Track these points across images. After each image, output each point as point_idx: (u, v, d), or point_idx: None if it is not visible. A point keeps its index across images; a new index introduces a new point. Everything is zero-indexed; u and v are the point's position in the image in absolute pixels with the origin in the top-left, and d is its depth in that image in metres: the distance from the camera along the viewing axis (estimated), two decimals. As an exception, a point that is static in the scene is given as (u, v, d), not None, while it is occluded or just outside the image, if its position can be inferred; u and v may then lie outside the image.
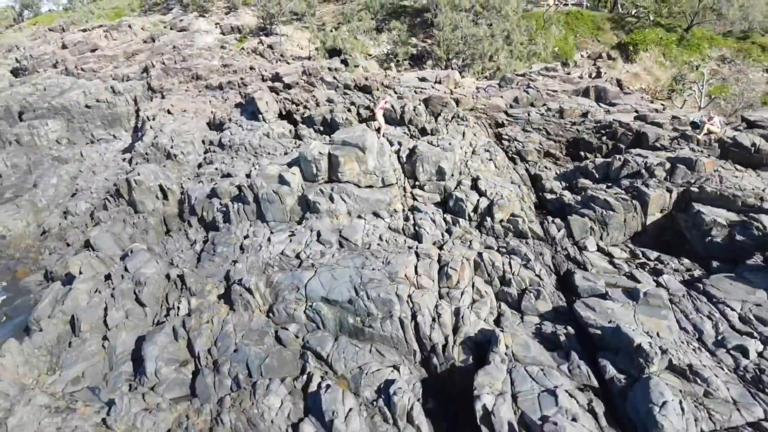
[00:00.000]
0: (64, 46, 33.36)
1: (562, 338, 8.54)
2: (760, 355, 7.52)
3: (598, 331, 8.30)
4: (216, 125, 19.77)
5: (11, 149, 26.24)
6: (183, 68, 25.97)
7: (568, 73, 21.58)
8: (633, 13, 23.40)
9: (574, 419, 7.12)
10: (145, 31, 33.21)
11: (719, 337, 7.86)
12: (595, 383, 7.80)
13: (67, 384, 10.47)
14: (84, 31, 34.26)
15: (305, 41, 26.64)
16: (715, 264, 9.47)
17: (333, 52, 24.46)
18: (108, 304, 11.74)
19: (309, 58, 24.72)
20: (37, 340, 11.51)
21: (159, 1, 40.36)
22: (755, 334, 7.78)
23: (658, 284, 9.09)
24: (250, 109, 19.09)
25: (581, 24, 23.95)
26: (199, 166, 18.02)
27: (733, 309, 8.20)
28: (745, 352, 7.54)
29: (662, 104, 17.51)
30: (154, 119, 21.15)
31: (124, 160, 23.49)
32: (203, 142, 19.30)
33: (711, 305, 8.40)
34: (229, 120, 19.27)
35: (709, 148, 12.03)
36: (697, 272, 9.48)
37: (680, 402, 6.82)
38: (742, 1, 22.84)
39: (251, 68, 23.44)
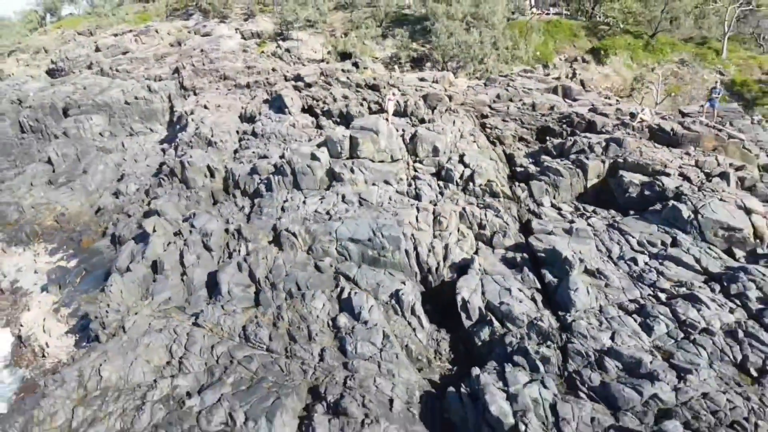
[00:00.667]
0: (97, 49, 37.27)
1: (519, 260, 12.45)
2: (646, 263, 11.42)
3: (543, 254, 12.21)
4: (247, 118, 23.67)
5: (60, 141, 30.18)
6: (211, 69, 29.89)
7: (547, 75, 25.51)
8: (605, 21, 27.30)
9: (520, 302, 11.03)
10: (170, 36, 37.12)
11: (621, 254, 11.78)
12: (538, 285, 11.71)
13: (159, 304, 14.34)
14: (115, 35, 38.16)
15: (318, 45, 30.57)
16: (631, 212, 13.38)
17: (344, 56, 28.38)
18: (182, 250, 15.61)
19: (323, 60, 28.64)
20: (129, 277, 15.39)
21: (178, 7, 44.34)
22: (645, 252, 11.69)
23: (589, 224, 13.00)
24: (276, 104, 22.98)
25: (560, 31, 27.88)
26: (235, 151, 21.88)
27: (633, 237, 12.12)
28: (636, 262, 11.45)
29: (617, 99, 21.43)
30: (193, 113, 25.03)
31: (162, 150, 27.46)
32: (237, 132, 23.18)
33: (620, 235, 12.31)
34: (259, 114, 23.16)
35: (641, 132, 15.94)
36: (618, 217, 13.38)
37: (587, 288, 10.74)
38: (696, 12, 26.78)
39: (273, 69, 27.36)
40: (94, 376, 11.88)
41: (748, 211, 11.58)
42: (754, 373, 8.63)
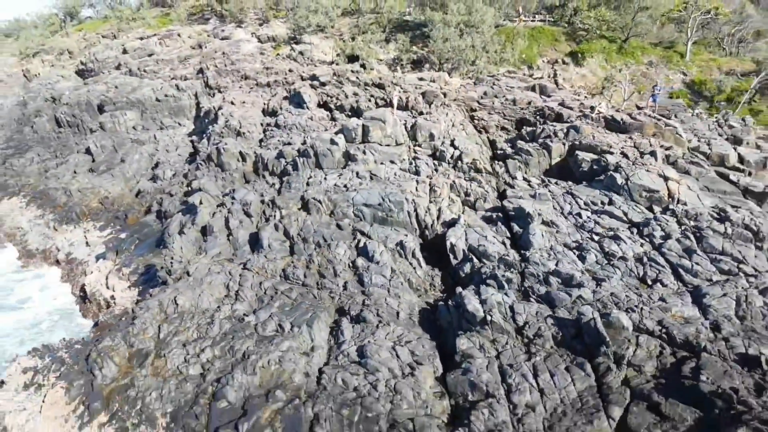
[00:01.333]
0: (125, 51, 41.28)
1: (494, 217, 16.46)
2: (588, 217, 15.41)
3: (512, 212, 16.21)
4: (270, 112, 27.66)
5: (98, 134, 34.20)
6: (233, 70, 33.89)
7: (531, 75, 29.52)
8: (583, 28, 31.31)
9: (494, 244, 15.03)
10: (191, 39, 41.14)
11: (570, 210, 15.79)
12: (508, 234, 15.70)
13: (212, 257, 18.30)
14: (141, 39, 42.16)
15: (328, 48, 34.57)
16: (583, 183, 17.37)
17: (351, 58, 32.38)
18: (227, 217, 19.58)
19: (333, 62, 32.64)
20: (185, 238, 19.35)
21: (194, 11, 48.37)
22: (588, 209, 15.70)
23: (549, 191, 17.02)
24: (296, 100, 26.97)
25: (543, 36, 31.92)
26: (261, 140, 25.85)
27: (581, 199, 16.13)
28: (580, 216, 15.45)
29: (590, 96, 25.44)
30: (221, 108, 29.00)
31: (191, 141, 31.46)
32: (261, 124, 27.16)
33: (572, 198, 16.32)
34: (280, 108, 27.15)
35: (598, 121, 19.96)
36: (572, 186, 17.37)
37: (542, 233, 14.75)
38: (663, 21, 30.85)
39: (290, 70, 31.37)
40: (171, 304, 15.84)
41: (666, 179, 15.59)
42: (650, 282, 12.62)
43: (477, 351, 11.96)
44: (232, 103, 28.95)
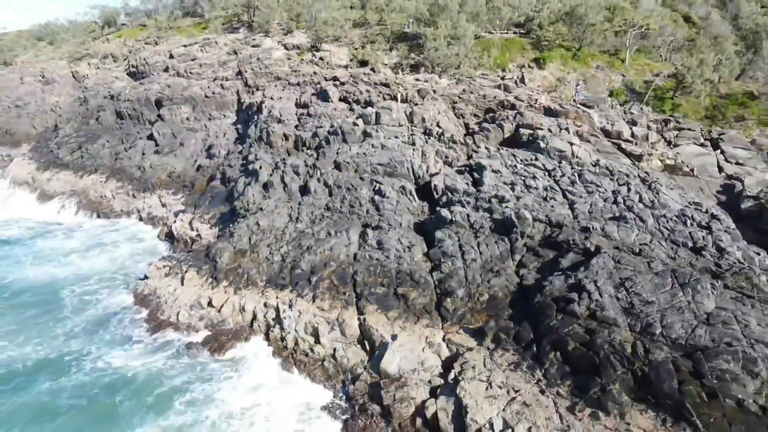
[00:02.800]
0: (171, 57, 50.92)
1: (463, 169, 26.12)
2: (521, 168, 25.03)
3: (475, 166, 25.86)
4: (301, 105, 37.27)
5: (159, 124, 43.80)
6: (266, 72, 43.52)
7: (503, 77, 39.14)
8: (545, 39, 40.98)
9: (460, 183, 24.68)
10: (227, 46, 50.76)
11: (511, 164, 25.45)
12: (470, 179, 25.33)
13: (275, 200, 27.82)
14: (185, 46, 51.80)
15: (343, 55, 44.22)
16: (522, 148, 27.00)
17: (362, 63, 42.01)
18: (282, 175, 29.12)
19: (347, 66, 42.28)
20: (253, 190, 28.86)
21: (224, 21, 57.96)
22: (522, 163, 25.35)
23: (500, 154, 26.67)
24: (322, 96, 36.60)
25: (513, 46, 41.64)
26: (296, 126, 35.37)
27: (518, 157, 25.80)
28: (516, 167, 25.09)
29: (542, 92, 35.08)
30: (263, 102, 38.60)
31: (236, 129, 41.04)
32: (296, 114, 36.73)
33: (513, 158, 25.98)
34: (310, 102, 36.76)
35: (538, 109, 29.61)
36: (518, 152, 26.98)
37: (491, 177, 24.43)
38: (607, 34, 40.63)
39: (314, 73, 41.00)
40: (253, 225, 25.43)
41: (571, 144, 25.25)
42: (548, 199, 22.22)
43: (446, 237, 21.55)
44: (271, 98, 38.59)
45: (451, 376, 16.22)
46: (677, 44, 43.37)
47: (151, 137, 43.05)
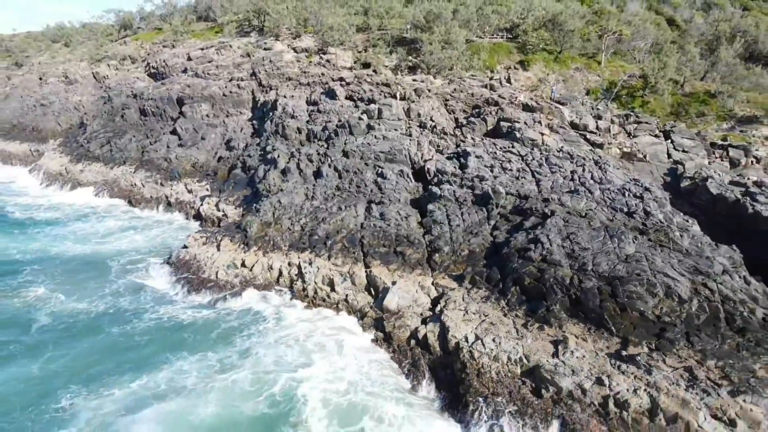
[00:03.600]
0: (189, 58, 56.34)
1: (452, 156, 31.53)
2: (500, 154, 30.44)
3: (461, 153, 31.26)
4: (312, 103, 42.68)
5: (181, 120, 49.20)
6: (279, 73, 48.92)
7: (491, 78, 44.53)
8: (529, 43, 46.40)
9: (449, 167, 30.10)
10: (240, 49, 56.14)
11: (491, 151, 30.88)
12: (458, 163, 30.72)
13: (292, 183, 33.21)
14: (202, 49, 57.22)
15: (347, 57, 49.60)
16: (502, 138, 32.39)
17: (365, 65, 47.38)
18: (298, 163, 34.49)
19: (351, 68, 47.66)
20: (273, 175, 34.28)
21: (235, 25, 63.33)
22: (501, 150, 30.76)
23: (483, 143, 32.08)
24: (330, 95, 42.02)
25: (501, 49, 47.07)
26: (308, 121, 40.75)
27: (498, 145, 31.21)
28: (496, 153, 30.49)
29: (524, 91, 40.48)
30: (277, 100, 44.00)
31: (252, 124, 46.44)
32: (306, 111, 42.09)
33: (494, 146, 31.40)
34: (319, 100, 42.17)
35: (518, 105, 35.01)
36: (498, 141, 32.39)
37: (474, 161, 29.86)
38: (584, 39, 46.05)
39: (322, 74, 46.39)
40: (276, 203, 30.83)
41: (542, 134, 30.67)
42: (519, 178, 27.62)
43: (436, 209, 26.93)
44: (284, 96, 44.02)
45: (438, 308, 21.62)
46: (648, 48, 48.78)
47: (174, 132, 48.49)
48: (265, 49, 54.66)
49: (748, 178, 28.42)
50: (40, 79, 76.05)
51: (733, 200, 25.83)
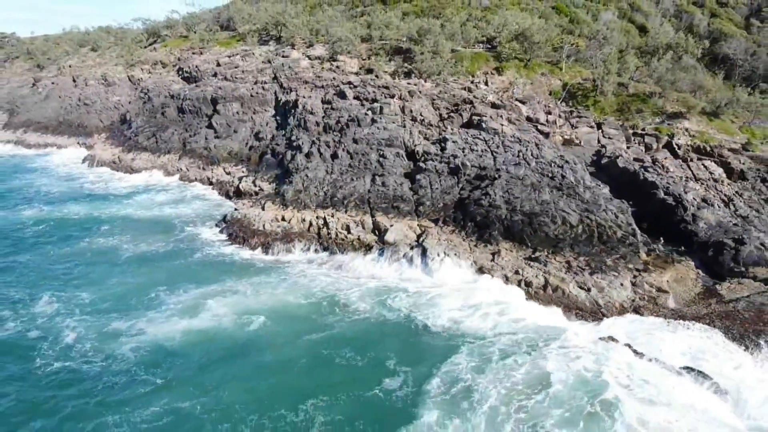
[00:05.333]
0: (218, 64, 68.43)
1: (436, 142, 43.65)
2: (472, 141, 42.49)
3: (443, 140, 43.36)
4: (326, 102, 54.75)
5: (216, 117, 61.33)
6: (297, 77, 61.01)
7: (472, 81, 56.60)
8: (504, 53, 58.51)
9: (433, 150, 42.24)
10: (262, 56, 68.23)
11: (464, 138, 43.02)
12: (440, 147, 42.80)
13: (315, 163, 45.22)
14: (229, 57, 69.32)
15: (354, 64, 61.67)
16: (473, 128, 44.44)
17: (368, 71, 59.44)
18: (318, 147, 46.50)
19: (357, 73, 59.70)
20: (299, 158, 46.36)
21: (256, 35, 75.43)
22: (471, 137, 42.91)
23: (460, 132, 44.19)
24: (341, 95, 54.12)
25: (480, 58, 59.25)
26: (323, 116, 52.72)
27: (470, 134, 43.35)
28: (467, 139, 42.60)
29: (497, 92, 52.58)
30: (297, 100, 56.06)
31: (276, 120, 58.55)
32: (322, 108, 54.08)
33: (468, 135, 43.48)
34: (332, 100, 54.25)
35: (487, 103, 47.07)
36: (470, 131, 44.42)
37: (452, 145, 41.99)
38: (548, 48, 58.28)
39: (333, 78, 58.43)
40: (303, 177, 42.91)
41: (502, 125, 42.76)
42: (482, 156, 39.67)
43: (422, 178, 39.00)
44: (303, 97, 56.13)
45: (420, 240, 33.63)
46: (608, 55, 60.95)
47: (210, 126, 60.63)
48: (283, 56, 66.80)
49: (651, 158, 40.45)
50: (74, 80, 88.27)
51: (632, 171, 37.87)
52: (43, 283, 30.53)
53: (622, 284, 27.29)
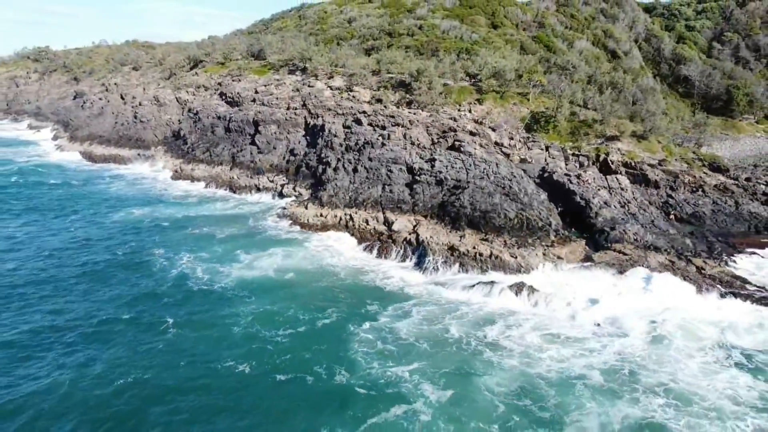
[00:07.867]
0: (256, 92, 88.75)
1: (428, 159, 63.95)
2: (453, 158, 62.69)
3: (433, 158, 63.67)
4: (346, 127, 75.03)
5: (258, 136, 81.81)
6: (322, 105, 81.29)
7: (458, 110, 76.72)
8: (484, 87, 78.66)
9: (426, 167, 62.56)
10: (291, 85, 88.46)
11: (447, 156, 63.29)
12: (432, 164, 63.11)
13: (342, 175, 65.41)
14: (265, 86, 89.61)
15: (366, 94, 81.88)
16: (455, 151, 64.60)
17: (378, 100, 79.61)
18: (344, 163, 66.69)
19: (369, 102, 79.91)
20: (330, 170, 66.71)
21: (284, 65, 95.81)
22: (453, 156, 63.09)
23: (446, 152, 64.48)
24: (357, 122, 74.47)
25: (465, 91, 79.61)
26: (344, 138, 72.78)
27: (453, 154, 63.57)
28: (450, 156, 62.82)
29: (478, 120, 72.70)
30: (324, 123, 76.28)
31: (306, 139, 78.93)
32: (344, 132, 74.16)
33: (450, 155, 63.76)
34: (351, 125, 74.49)
35: (465, 132, 67.26)
36: (452, 153, 64.54)
37: (440, 163, 62.34)
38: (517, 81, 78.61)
39: (351, 106, 78.60)
40: (334, 185, 63.27)
41: (475, 149, 62.99)
42: (454, 166, 59.87)
43: (418, 186, 59.33)
44: (328, 122, 76.46)
45: (416, 228, 53.88)
46: (559, 91, 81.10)
47: (253, 143, 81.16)
48: (309, 86, 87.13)
49: (578, 173, 60.53)
50: (122, 98, 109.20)
51: (562, 182, 57.98)
52: (178, 248, 51.40)
53: (536, 254, 47.38)
